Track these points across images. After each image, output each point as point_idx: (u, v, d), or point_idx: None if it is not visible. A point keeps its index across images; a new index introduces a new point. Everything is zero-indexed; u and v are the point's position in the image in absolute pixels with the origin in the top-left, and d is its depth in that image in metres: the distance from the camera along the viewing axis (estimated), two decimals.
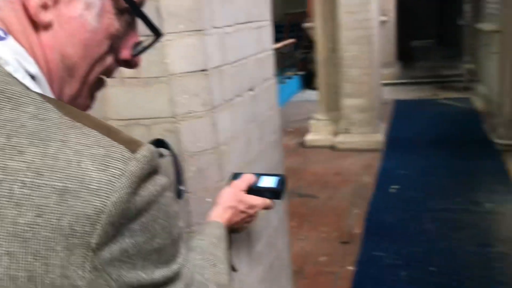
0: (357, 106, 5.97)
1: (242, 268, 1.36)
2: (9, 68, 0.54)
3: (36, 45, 0.57)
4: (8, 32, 0.56)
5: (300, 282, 3.34)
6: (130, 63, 0.70)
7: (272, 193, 1.20)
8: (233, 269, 1.12)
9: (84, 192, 0.50)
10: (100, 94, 1.16)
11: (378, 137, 6.05)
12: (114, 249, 0.52)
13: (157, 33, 0.71)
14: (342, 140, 6.11)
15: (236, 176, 1.22)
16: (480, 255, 3.51)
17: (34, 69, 0.57)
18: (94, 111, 1.19)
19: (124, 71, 1.11)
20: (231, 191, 1.14)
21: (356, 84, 5.88)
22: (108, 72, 0.69)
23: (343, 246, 3.83)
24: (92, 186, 0.50)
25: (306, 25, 8.23)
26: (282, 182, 1.21)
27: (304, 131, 6.78)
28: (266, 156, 1.55)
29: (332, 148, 6.20)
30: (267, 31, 1.55)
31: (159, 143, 1.04)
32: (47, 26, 0.57)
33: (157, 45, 0.81)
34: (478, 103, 7.95)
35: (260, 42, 1.49)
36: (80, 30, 0.59)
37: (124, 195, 0.51)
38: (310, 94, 9.86)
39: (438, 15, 15.76)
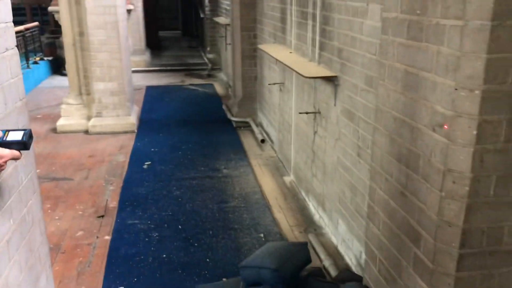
0: (108, 90, 6.15)
1: None
2: None
3: None
4: None
5: (58, 257, 3.44)
6: None
7: (20, 145, 1.39)
8: None
9: None
10: None
11: (131, 120, 6.36)
12: None
13: None
14: (95, 123, 6.22)
15: None
16: (219, 210, 4.19)
17: None
18: None
19: None
20: None
21: (106, 68, 6.05)
22: None
23: (99, 220, 4.04)
24: None
25: (52, 9, 7.89)
26: (28, 134, 1.40)
27: (55, 117, 6.62)
28: (12, 119, 1.68)
29: (86, 132, 6.25)
30: (6, 5, 1.68)
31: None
32: None
33: None
34: (219, 88, 9.04)
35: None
36: None
37: None
38: (59, 80, 9.53)
39: (183, 8, 16.90)
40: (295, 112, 4.53)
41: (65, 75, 9.56)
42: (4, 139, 1.36)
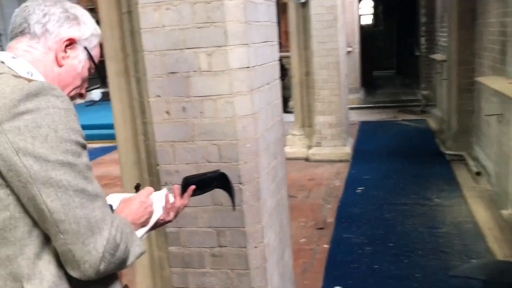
0: (328, 123, 6.88)
1: (266, 199, 2.15)
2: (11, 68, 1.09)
3: (50, 71, 1.16)
4: (32, 63, 1.13)
5: None
6: (82, 96, 1.29)
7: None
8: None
9: (2, 97, 0.99)
10: (184, 82, 1.95)
11: (346, 149, 6.96)
12: (9, 125, 0.97)
13: (103, 82, 1.49)
14: (315, 152, 6.99)
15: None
16: (429, 234, 4.37)
17: (37, 75, 1.12)
18: (180, 91, 1.99)
19: (202, 66, 1.92)
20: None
21: (326, 103, 6.81)
22: (75, 97, 1.26)
23: (318, 231, 4.63)
24: (5, 95, 0.99)
25: (280, 54, 9.14)
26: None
27: None
28: (275, 129, 2.35)
29: (306, 159, 7.07)
30: (276, 48, 2.39)
31: (222, 175, 1.45)
32: (61, 66, 1.18)
33: (223, 51, 1.64)
34: (432, 123, 9.04)
35: (272, 55, 2.32)
36: (73, 71, 1.20)
37: (13, 101, 0.98)
38: (285, 116, 10.78)
39: (397, 48, 17.21)
40: None
41: (288, 112, 10.81)
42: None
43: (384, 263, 3.91)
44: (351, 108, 10.01)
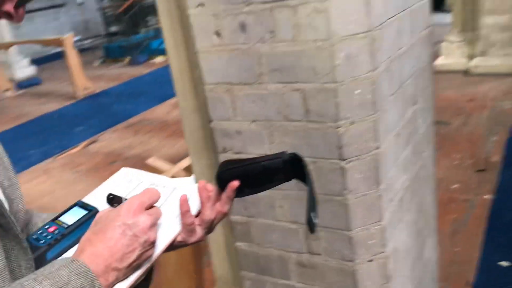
0: (499, 25, 5.30)
1: (393, 180, 1.25)
2: None
3: None
4: None
5: None
6: (12, 16, 0.69)
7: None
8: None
9: None
10: None
11: None
12: None
13: None
14: (478, 63, 5.53)
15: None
16: None
17: None
18: None
19: None
20: None
21: None
22: None
23: (478, 174, 3.53)
24: None
25: None
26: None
27: (434, 55, 6.23)
28: (415, 53, 1.37)
29: (465, 72, 5.66)
30: None
31: (295, 158, 0.75)
32: None
33: None
34: None
35: None
36: None
37: None
38: (440, 17, 8.99)
39: None
40: None
41: (444, 11, 9.00)
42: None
43: None
44: None
